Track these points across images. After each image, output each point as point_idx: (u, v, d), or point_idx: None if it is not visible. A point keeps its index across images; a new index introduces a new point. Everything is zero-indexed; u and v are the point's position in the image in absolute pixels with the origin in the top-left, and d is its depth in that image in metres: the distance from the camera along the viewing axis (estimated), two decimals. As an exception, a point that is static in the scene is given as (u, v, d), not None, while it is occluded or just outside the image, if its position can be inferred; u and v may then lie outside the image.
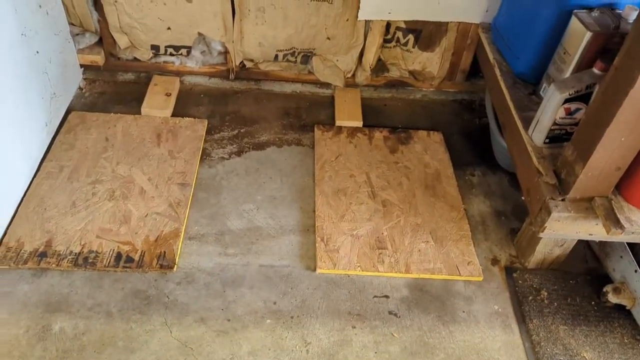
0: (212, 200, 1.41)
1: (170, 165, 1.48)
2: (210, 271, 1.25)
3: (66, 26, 1.56)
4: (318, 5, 1.59)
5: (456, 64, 1.76)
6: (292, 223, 1.38)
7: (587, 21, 1.21)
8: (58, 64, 1.51)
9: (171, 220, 1.33)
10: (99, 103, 1.68)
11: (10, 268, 1.21)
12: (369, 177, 1.51)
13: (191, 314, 1.17)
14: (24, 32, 1.31)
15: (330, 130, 1.65)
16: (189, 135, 1.58)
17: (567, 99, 1.16)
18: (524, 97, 1.38)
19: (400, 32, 1.68)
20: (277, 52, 1.71)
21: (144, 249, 1.27)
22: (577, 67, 1.24)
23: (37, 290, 1.18)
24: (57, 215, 1.32)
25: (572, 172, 1.14)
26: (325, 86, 1.80)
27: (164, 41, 1.68)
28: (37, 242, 1.26)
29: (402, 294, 1.25)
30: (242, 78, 1.79)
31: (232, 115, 1.69)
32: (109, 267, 1.23)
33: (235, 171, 1.51)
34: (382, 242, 1.34)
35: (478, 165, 1.61)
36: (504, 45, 1.50)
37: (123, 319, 1.15)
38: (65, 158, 1.46)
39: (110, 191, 1.39)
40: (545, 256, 1.32)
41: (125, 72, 1.76)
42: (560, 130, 1.22)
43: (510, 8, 1.50)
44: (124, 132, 1.56)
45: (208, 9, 1.59)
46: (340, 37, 1.67)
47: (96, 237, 1.28)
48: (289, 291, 1.23)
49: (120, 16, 1.60)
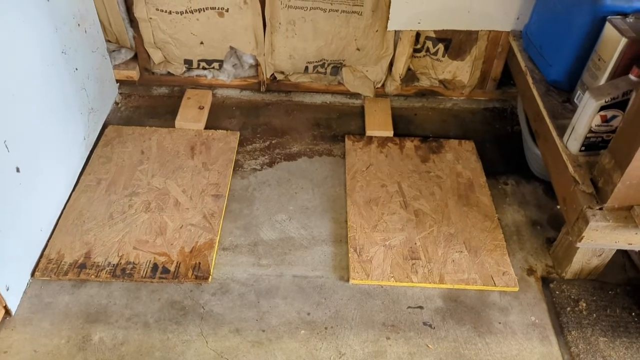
0: (245, 211, 1.43)
1: (204, 177, 1.50)
2: (244, 282, 1.27)
3: (103, 43, 1.60)
4: (348, 17, 1.60)
5: (487, 72, 1.75)
6: (325, 233, 1.38)
7: (622, 27, 1.19)
8: (96, 79, 1.55)
9: (205, 232, 1.35)
10: (135, 117, 1.72)
11: (51, 279, 1.25)
12: (400, 186, 1.50)
13: (226, 324, 1.18)
14: (64, 50, 1.36)
15: (360, 140, 1.65)
16: (222, 147, 1.60)
17: (603, 106, 1.14)
18: (558, 104, 1.36)
19: (430, 42, 1.68)
20: (307, 64, 1.73)
21: (180, 260, 1.29)
22: (612, 74, 1.22)
23: (77, 301, 1.21)
24: (96, 227, 1.35)
25: (609, 180, 1.12)
26: (355, 96, 1.81)
27: (196, 55, 1.71)
28: (77, 253, 1.29)
29: (437, 305, 1.24)
30: (272, 90, 1.81)
31: (264, 127, 1.71)
32: (146, 278, 1.25)
33: (267, 182, 1.52)
34: (415, 253, 1.33)
35: (511, 174, 1.59)
36: (536, 52, 1.48)
37: (160, 329, 1.17)
38: (102, 171, 1.50)
39: (146, 203, 1.42)
40: (583, 266, 1.29)
41: (159, 87, 1.80)
42: (596, 138, 1.20)
43: (542, 15, 1.49)
44: (158, 145, 1.59)
45: (239, 23, 1.62)
46: (370, 47, 1.68)
47: (133, 249, 1.31)
48: (323, 302, 1.23)
49: (154, 32, 1.64)
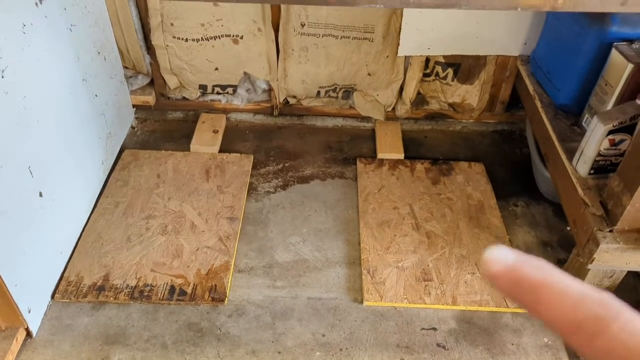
0: (259, 234, 1.46)
1: (219, 199, 1.53)
2: (259, 304, 1.29)
3: (121, 70, 1.65)
4: (359, 43, 1.65)
5: (495, 96, 1.78)
6: (338, 255, 1.41)
7: (628, 53, 1.22)
8: (113, 105, 1.60)
9: (221, 254, 1.38)
10: (150, 141, 1.76)
11: (71, 301, 1.27)
12: (412, 208, 1.53)
13: (242, 346, 1.20)
14: (84, 77, 1.40)
15: (372, 162, 1.68)
16: (236, 170, 1.63)
17: (611, 130, 1.17)
18: (566, 128, 1.39)
19: (440, 66, 1.72)
20: (320, 88, 1.77)
21: (196, 282, 1.31)
22: (619, 99, 1.25)
23: (96, 322, 1.24)
24: (114, 250, 1.38)
25: (619, 203, 1.14)
26: (366, 120, 1.85)
27: (211, 81, 1.75)
28: (96, 276, 1.32)
29: (450, 326, 1.26)
30: (285, 114, 1.85)
31: (277, 150, 1.74)
32: (164, 300, 1.28)
33: (281, 204, 1.55)
34: (427, 274, 1.35)
35: (521, 196, 1.61)
36: (544, 77, 1.52)
37: (178, 350, 1.19)
38: (120, 194, 1.53)
39: (162, 226, 1.45)
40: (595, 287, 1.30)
41: (175, 111, 1.85)
42: (605, 161, 1.22)
43: (549, 41, 1.52)
44: (174, 168, 1.63)
45: (253, 49, 1.66)
46: (381, 72, 1.72)
47: (150, 271, 1.33)
48: (337, 323, 1.25)
49: (171, 59, 1.69)
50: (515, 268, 0.20)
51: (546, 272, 0.19)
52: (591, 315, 0.18)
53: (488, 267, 0.20)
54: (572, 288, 0.19)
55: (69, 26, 1.31)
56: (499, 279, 0.20)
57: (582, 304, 0.19)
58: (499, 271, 0.20)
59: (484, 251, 0.20)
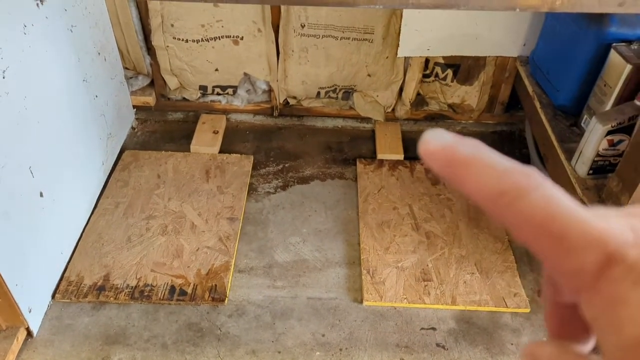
0: (259, 234, 1.46)
1: (219, 200, 1.53)
2: (259, 304, 1.29)
3: (121, 70, 1.65)
4: (359, 44, 1.65)
5: (495, 97, 1.79)
6: (338, 255, 1.41)
7: (626, 54, 1.22)
8: (114, 106, 1.60)
9: (221, 254, 1.38)
10: (151, 141, 1.76)
11: (71, 301, 1.28)
12: (411, 209, 1.53)
13: (242, 346, 1.21)
14: (85, 78, 1.41)
15: (372, 163, 1.69)
16: (236, 170, 1.64)
17: (609, 130, 1.17)
18: (565, 128, 1.40)
19: (439, 67, 1.72)
20: (319, 89, 1.77)
21: (196, 282, 1.32)
22: (618, 99, 1.25)
23: (96, 322, 1.24)
24: (114, 250, 1.38)
25: (617, 203, 1.14)
26: (366, 121, 1.85)
27: (211, 82, 1.76)
28: (96, 276, 1.32)
29: (449, 326, 1.26)
30: (285, 115, 1.85)
31: (277, 151, 1.75)
32: (164, 300, 1.28)
33: (281, 205, 1.55)
34: (427, 274, 1.35)
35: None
36: (543, 78, 1.52)
37: (178, 350, 1.19)
38: (120, 195, 1.54)
39: (163, 226, 1.45)
40: (593, 287, 1.31)
41: (175, 112, 1.85)
42: (603, 162, 1.23)
43: (548, 42, 1.53)
44: (174, 169, 1.63)
45: (254, 50, 1.67)
46: (381, 73, 1.72)
47: (151, 271, 1.34)
48: (337, 323, 1.26)
49: (171, 60, 1.69)
50: (451, 146, 0.20)
51: (479, 149, 0.20)
52: (514, 184, 0.19)
53: (425, 145, 0.21)
54: (500, 162, 0.20)
55: (70, 27, 1.32)
56: (434, 156, 0.20)
57: (507, 174, 0.19)
58: (435, 149, 0.20)
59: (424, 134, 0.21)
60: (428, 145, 0.21)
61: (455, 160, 0.20)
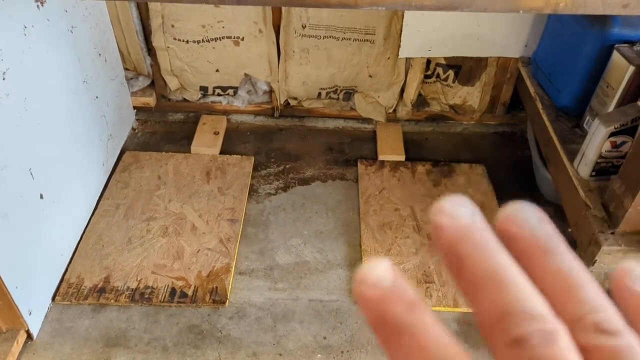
0: (260, 236, 1.46)
1: (220, 201, 1.53)
2: (260, 306, 1.29)
3: (122, 71, 1.65)
4: (360, 45, 1.64)
5: (496, 97, 1.78)
6: (339, 257, 1.41)
7: (629, 55, 1.22)
8: (114, 107, 1.60)
9: (222, 256, 1.38)
10: (151, 142, 1.76)
11: (72, 303, 1.27)
12: (413, 210, 1.53)
13: (243, 348, 1.20)
14: (85, 79, 1.40)
15: (373, 164, 1.68)
16: (237, 172, 1.63)
17: (612, 132, 1.17)
18: (568, 130, 1.39)
19: (441, 68, 1.72)
20: (320, 90, 1.77)
21: (197, 284, 1.31)
22: (620, 101, 1.25)
23: (97, 325, 1.24)
24: (115, 252, 1.38)
25: (620, 205, 1.14)
26: (367, 121, 1.85)
27: (212, 82, 1.75)
28: (96, 278, 1.32)
29: (452, 328, 1.25)
30: (286, 115, 1.85)
31: (278, 152, 1.74)
32: (164, 302, 1.27)
33: (282, 206, 1.55)
34: (429, 276, 1.35)
35: (522, 198, 1.59)
36: (545, 79, 1.51)
37: (179, 353, 1.19)
38: (120, 196, 1.53)
39: (163, 228, 1.45)
40: (596, 290, 1.30)
41: (175, 113, 1.85)
42: (606, 163, 1.22)
43: (550, 43, 1.52)
44: (175, 170, 1.63)
45: (254, 51, 1.66)
46: (382, 74, 1.72)
47: (151, 273, 1.33)
48: (339, 326, 1.25)
49: (171, 60, 1.68)
50: (384, 299, 0.17)
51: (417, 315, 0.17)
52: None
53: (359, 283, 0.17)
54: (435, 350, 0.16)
55: (70, 28, 1.31)
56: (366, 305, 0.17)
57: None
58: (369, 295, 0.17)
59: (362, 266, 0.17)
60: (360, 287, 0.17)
61: (387, 322, 0.17)
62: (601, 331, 0.16)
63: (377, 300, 0.17)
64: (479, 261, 0.17)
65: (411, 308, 0.17)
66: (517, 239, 0.18)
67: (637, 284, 0.18)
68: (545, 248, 0.18)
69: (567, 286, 0.17)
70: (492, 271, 0.17)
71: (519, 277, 0.17)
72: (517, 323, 0.16)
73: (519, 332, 0.16)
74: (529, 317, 0.16)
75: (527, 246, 0.18)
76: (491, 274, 0.17)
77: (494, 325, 0.16)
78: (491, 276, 0.17)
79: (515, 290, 0.16)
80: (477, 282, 0.17)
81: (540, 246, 0.18)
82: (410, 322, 0.17)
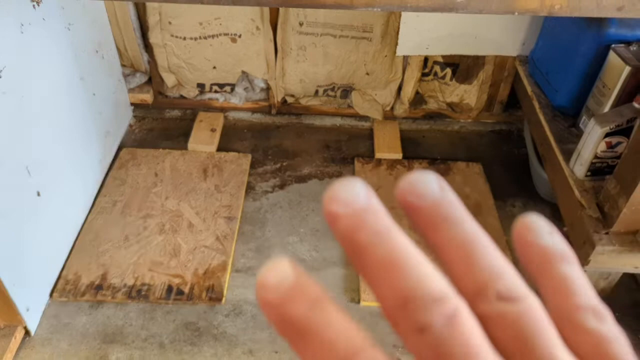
0: (257, 233, 1.46)
1: (217, 199, 1.53)
2: (257, 303, 1.29)
3: (119, 68, 1.65)
4: (357, 42, 1.65)
5: (494, 96, 1.79)
6: (335, 255, 1.41)
7: (625, 55, 1.22)
8: (111, 103, 1.60)
9: (219, 253, 1.38)
10: (148, 139, 1.76)
11: (69, 300, 1.28)
12: (409, 209, 1.53)
13: (240, 345, 1.21)
14: (82, 76, 1.40)
15: (370, 162, 1.69)
16: (234, 169, 1.64)
17: (607, 132, 1.17)
18: (564, 129, 1.39)
19: (438, 66, 1.72)
20: (318, 87, 1.77)
21: (194, 281, 1.32)
22: (617, 101, 1.25)
23: (94, 321, 1.24)
24: (112, 249, 1.38)
25: (615, 205, 1.14)
26: (364, 119, 1.85)
27: (209, 79, 1.75)
28: (93, 275, 1.32)
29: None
30: (283, 113, 1.85)
31: (275, 149, 1.74)
32: (161, 300, 1.28)
33: (279, 204, 1.55)
34: (424, 275, 1.35)
35: (519, 197, 1.62)
36: (542, 78, 1.52)
37: (175, 350, 1.19)
38: (117, 193, 1.53)
39: (160, 225, 1.45)
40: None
41: (172, 109, 1.85)
42: (601, 164, 1.23)
43: (547, 42, 1.52)
44: (172, 167, 1.63)
45: (252, 48, 1.66)
46: (379, 72, 1.72)
47: (148, 270, 1.34)
48: (334, 323, 1.26)
49: (169, 57, 1.68)
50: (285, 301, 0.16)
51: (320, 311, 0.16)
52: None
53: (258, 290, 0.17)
54: (341, 344, 0.16)
55: (67, 25, 1.31)
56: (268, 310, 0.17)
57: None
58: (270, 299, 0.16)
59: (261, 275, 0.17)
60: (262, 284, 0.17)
61: (290, 324, 0.16)
62: (503, 299, 0.17)
63: (278, 303, 0.16)
64: (375, 247, 0.17)
65: (314, 305, 0.16)
66: (418, 211, 0.18)
67: (538, 238, 0.19)
68: (446, 218, 0.18)
69: (468, 255, 0.18)
70: (389, 256, 0.17)
71: (416, 258, 0.17)
72: (419, 309, 0.16)
73: (422, 319, 0.16)
74: (430, 300, 0.16)
75: (429, 218, 0.18)
76: (389, 260, 0.17)
77: (397, 313, 0.16)
78: (389, 261, 0.17)
79: (413, 274, 0.16)
80: (376, 269, 0.17)
81: (441, 216, 0.18)
82: (314, 320, 0.16)
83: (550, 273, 0.18)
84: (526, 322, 0.16)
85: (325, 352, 0.16)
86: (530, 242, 0.19)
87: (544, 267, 0.18)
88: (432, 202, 0.18)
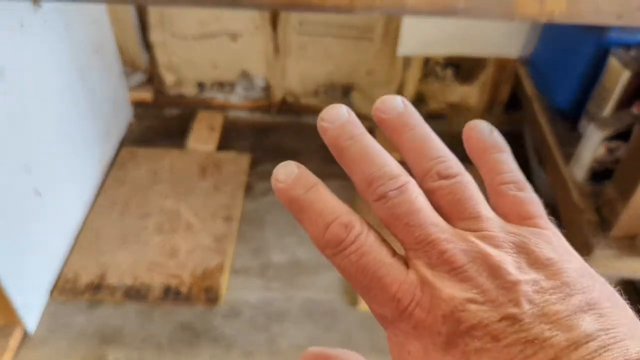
0: (256, 234, 1.46)
1: (216, 199, 1.53)
2: (254, 305, 1.30)
3: (119, 67, 1.64)
4: (358, 42, 1.64)
5: (495, 97, 1.78)
6: (334, 257, 1.41)
7: (625, 60, 1.21)
8: (111, 103, 1.60)
9: (217, 254, 1.39)
10: (148, 138, 1.76)
11: (67, 300, 1.28)
12: (408, 210, 1.53)
13: (237, 347, 1.21)
14: (82, 75, 1.40)
15: (369, 163, 1.68)
16: (233, 168, 1.64)
17: (607, 137, 1.17)
18: (564, 132, 1.39)
19: (439, 67, 1.72)
20: (318, 86, 1.76)
21: (192, 282, 1.32)
22: (616, 105, 1.25)
23: (92, 321, 1.25)
24: (110, 249, 1.38)
25: (614, 210, 1.14)
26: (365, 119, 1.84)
27: (209, 78, 1.75)
28: (92, 274, 1.32)
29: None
30: (283, 112, 1.85)
31: (274, 148, 1.74)
32: (159, 300, 1.28)
33: (277, 204, 1.54)
34: (422, 277, 1.35)
35: (518, 198, 1.61)
36: (543, 80, 1.51)
37: (173, 351, 1.20)
38: (116, 193, 1.54)
39: (159, 225, 1.45)
40: (588, 292, 1.31)
41: (172, 108, 1.84)
42: (601, 168, 1.22)
43: (547, 44, 1.52)
44: (171, 166, 1.63)
45: (252, 47, 1.66)
46: (380, 72, 1.71)
47: (147, 270, 1.34)
48: (332, 326, 1.26)
49: (169, 56, 1.68)
50: (289, 188, 0.23)
51: (312, 192, 0.23)
52: (334, 238, 0.22)
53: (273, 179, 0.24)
54: (329, 210, 0.22)
55: (67, 25, 1.31)
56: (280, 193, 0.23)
57: (330, 227, 0.22)
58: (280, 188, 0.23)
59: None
60: (275, 178, 0.23)
61: (294, 202, 0.23)
62: (442, 176, 0.23)
63: (285, 189, 0.23)
64: (351, 147, 0.24)
65: (309, 189, 0.23)
66: (386, 122, 0.25)
67: (479, 134, 0.25)
68: (407, 124, 0.25)
69: (419, 148, 0.24)
70: (359, 152, 0.23)
71: (380, 152, 0.23)
72: (380, 185, 0.22)
73: (381, 191, 0.22)
74: (387, 178, 0.22)
75: (394, 126, 0.25)
76: (359, 154, 0.23)
77: (365, 190, 0.23)
78: (360, 155, 0.23)
79: (376, 162, 0.23)
80: (351, 162, 0.23)
81: (402, 123, 0.25)
82: (308, 198, 0.23)
83: (486, 158, 0.25)
84: (459, 190, 0.23)
85: (316, 218, 0.22)
86: (474, 137, 0.26)
87: (481, 155, 0.25)
88: (397, 114, 0.25)
